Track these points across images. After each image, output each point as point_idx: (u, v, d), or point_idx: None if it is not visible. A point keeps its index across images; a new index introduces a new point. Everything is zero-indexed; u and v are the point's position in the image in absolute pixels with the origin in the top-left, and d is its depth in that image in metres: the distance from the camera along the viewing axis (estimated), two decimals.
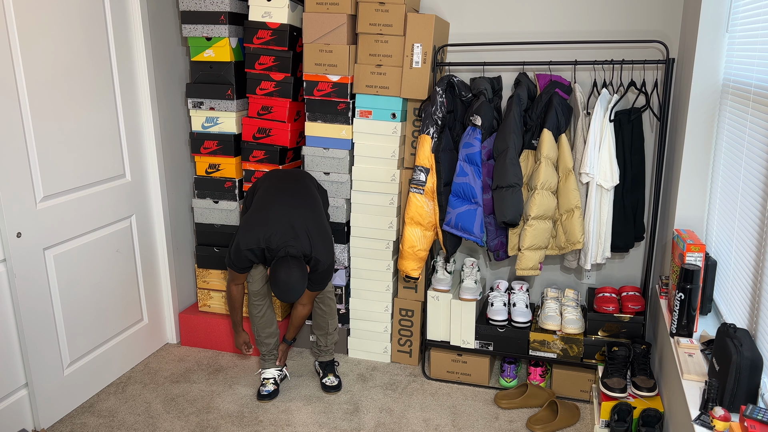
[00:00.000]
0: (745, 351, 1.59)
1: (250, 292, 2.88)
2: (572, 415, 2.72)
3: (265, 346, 2.96)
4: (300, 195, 2.76)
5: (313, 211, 2.73)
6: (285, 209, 2.68)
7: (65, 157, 2.65)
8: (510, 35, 3.08)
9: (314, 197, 2.80)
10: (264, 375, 2.96)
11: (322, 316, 2.97)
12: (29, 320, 2.53)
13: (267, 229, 2.63)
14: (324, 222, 2.76)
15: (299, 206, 2.71)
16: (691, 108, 2.40)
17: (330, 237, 2.76)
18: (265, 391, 2.89)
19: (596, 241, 2.73)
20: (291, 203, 2.70)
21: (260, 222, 2.65)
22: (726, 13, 2.29)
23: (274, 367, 2.98)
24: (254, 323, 2.92)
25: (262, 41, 3.00)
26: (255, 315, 2.91)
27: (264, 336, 2.94)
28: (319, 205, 2.80)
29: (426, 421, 2.72)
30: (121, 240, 3.03)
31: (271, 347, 2.97)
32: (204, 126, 3.16)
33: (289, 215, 2.66)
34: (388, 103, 2.95)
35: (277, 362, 2.99)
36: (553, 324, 2.84)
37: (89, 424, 2.71)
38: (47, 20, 2.50)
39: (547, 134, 2.65)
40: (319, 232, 2.69)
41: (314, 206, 2.76)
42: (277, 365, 2.99)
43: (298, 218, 2.66)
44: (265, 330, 2.93)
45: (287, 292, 2.54)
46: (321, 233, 2.70)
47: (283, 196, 2.73)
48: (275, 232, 2.62)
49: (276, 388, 2.92)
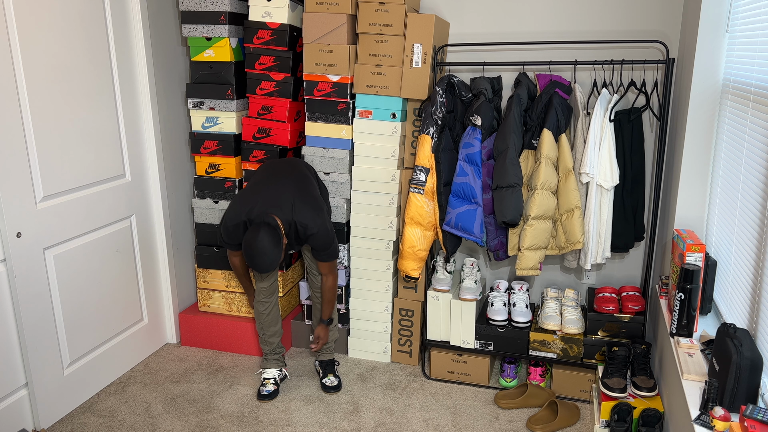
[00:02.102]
0: (745, 351, 1.59)
1: (257, 289, 2.89)
2: (572, 415, 2.72)
3: (268, 345, 2.96)
4: (288, 172, 2.77)
5: (298, 182, 2.71)
6: (270, 185, 2.69)
7: (65, 157, 2.65)
8: (510, 35, 3.08)
9: (305, 175, 2.78)
10: (264, 375, 2.96)
11: (321, 310, 2.98)
12: (29, 320, 2.53)
13: (249, 203, 2.64)
14: (312, 191, 2.72)
15: (285, 180, 2.71)
16: (691, 108, 2.40)
17: (320, 205, 2.69)
18: (266, 391, 2.89)
19: (596, 241, 2.73)
20: (276, 180, 2.72)
21: (244, 197, 2.67)
22: (726, 13, 2.29)
23: (275, 367, 2.98)
24: (259, 321, 2.92)
25: (262, 41, 3.00)
26: (261, 312, 2.91)
27: (269, 335, 2.94)
28: (308, 180, 2.77)
29: (426, 421, 2.72)
30: (121, 240, 3.03)
31: (274, 346, 2.97)
32: (204, 126, 3.16)
33: (273, 188, 2.67)
34: (388, 103, 2.95)
35: (312, 346, 2.93)
36: (553, 324, 2.84)
37: (89, 424, 2.71)
38: (47, 20, 2.50)
39: (547, 134, 2.65)
40: (303, 198, 2.66)
41: (301, 179, 2.74)
42: (312, 348, 2.92)
43: (281, 189, 2.66)
44: (270, 328, 2.93)
45: (252, 257, 2.48)
46: (306, 200, 2.66)
47: (272, 176, 2.75)
48: (257, 204, 2.63)
49: (276, 388, 2.93)
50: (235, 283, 3.29)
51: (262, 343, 2.97)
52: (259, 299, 2.90)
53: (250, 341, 3.29)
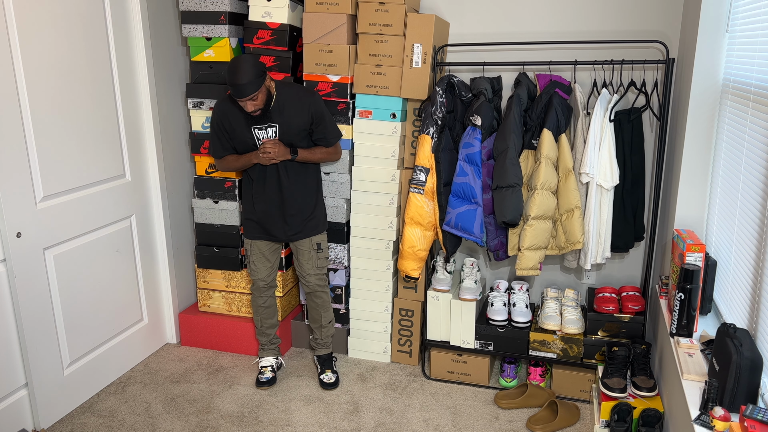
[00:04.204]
0: (745, 351, 1.59)
1: (256, 281, 2.94)
2: (572, 415, 2.72)
3: (265, 336, 3.06)
4: None
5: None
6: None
7: (65, 157, 2.65)
8: (510, 35, 3.08)
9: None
10: (261, 363, 3.06)
11: (315, 308, 3.03)
12: (29, 320, 2.53)
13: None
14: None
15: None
16: (691, 108, 2.40)
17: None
18: (264, 378, 2.98)
19: (596, 241, 2.73)
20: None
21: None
22: (726, 13, 2.29)
23: (272, 356, 3.09)
24: (257, 313, 3.01)
25: (262, 41, 3.00)
26: (259, 306, 3.00)
27: (266, 327, 3.04)
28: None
29: (426, 421, 2.72)
30: (121, 240, 3.03)
31: (270, 338, 3.07)
32: (204, 126, 3.16)
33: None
34: (388, 103, 2.95)
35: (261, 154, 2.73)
36: (553, 324, 2.84)
37: (89, 424, 2.71)
38: (47, 20, 2.50)
39: (547, 134, 2.65)
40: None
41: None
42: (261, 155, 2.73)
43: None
44: (267, 321, 3.03)
45: (232, 71, 2.45)
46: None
47: None
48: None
49: (273, 375, 3.02)
50: (235, 283, 3.29)
51: (259, 335, 3.07)
52: (258, 293, 2.98)
53: (250, 341, 3.29)
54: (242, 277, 3.27)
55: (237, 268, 3.25)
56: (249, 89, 2.47)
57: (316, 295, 2.99)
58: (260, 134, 2.71)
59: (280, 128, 2.69)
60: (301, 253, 2.91)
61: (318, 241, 2.92)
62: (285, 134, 2.71)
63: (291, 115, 2.69)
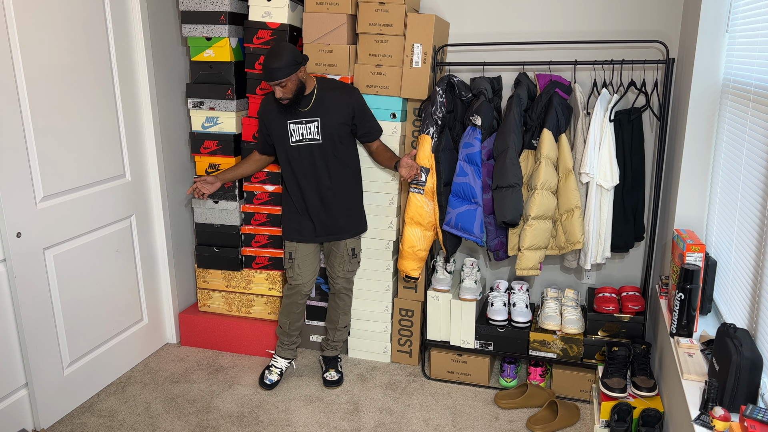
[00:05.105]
0: (745, 351, 1.59)
1: (298, 286, 2.92)
2: (572, 415, 2.72)
3: (287, 337, 3.04)
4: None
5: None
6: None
7: (65, 157, 2.65)
8: (510, 35, 3.08)
9: None
10: (276, 363, 3.05)
11: (335, 309, 3.04)
12: (29, 320, 2.53)
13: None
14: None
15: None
16: (691, 108, 2.40)
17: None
18: (269, 380, 2.98)
19: (596, 241, 2.73)
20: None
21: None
22: (726, 13, 2.29)
23: (287, 357, 3.06)
24: (288, 317, 3.00)
25: (262, 41, 3.00)
26: (292, 312, 2.99)
27: (293, 329, 3.03)
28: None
29: (426, 421, 2.72)
30: (121, 240, 3.03)
31: (293, 339, 3.05)
32: (204, 126, 3.16)
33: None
34: (388, 103, 2.95)
35: (403, 171, 2.71)
36: (553, 324, 2.84)
37: (89, 424, 2.71)
38: (47, 20, 2.50)
39: (547, 134, 2.65)
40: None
41: None
42: (404, 174, 2.70)
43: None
44: (295, 324, 3.02)
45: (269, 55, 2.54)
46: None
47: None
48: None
49: (279, 378, 3.02)
50: (235, 283, 3.29)
51: (282, 335, 3.04)
52: (297, 298, 2.96)
53: (250, 341, 3.29)
54: (242, 277, 3.28)
55: (237, 268, 3.25)
56: (279, 74, 2.53)
57: (340, 297, 3.02)
58: (298, 129, 2.74)
59: (322, 122, 2.73)
60: (334, 256, 2.94)
61: (353, 246, 2.94)
62: (326, 127, 2.73)
63: (332, 109, 2.73)
